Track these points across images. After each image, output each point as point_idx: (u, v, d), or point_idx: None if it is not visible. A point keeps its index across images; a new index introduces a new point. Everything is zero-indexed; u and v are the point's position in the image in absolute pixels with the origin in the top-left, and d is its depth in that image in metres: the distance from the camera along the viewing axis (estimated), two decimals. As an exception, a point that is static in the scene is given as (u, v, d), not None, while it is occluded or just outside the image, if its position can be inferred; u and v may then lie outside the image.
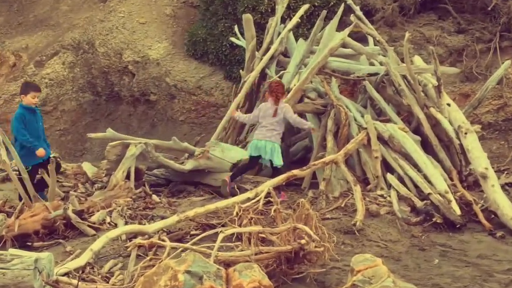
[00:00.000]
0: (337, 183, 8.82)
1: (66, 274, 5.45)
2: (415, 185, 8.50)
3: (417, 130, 9.63)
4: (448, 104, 9.56)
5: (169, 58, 15.55)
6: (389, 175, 8.61)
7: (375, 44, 11.38)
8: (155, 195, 8.90)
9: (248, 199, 7.30)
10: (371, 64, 10.96)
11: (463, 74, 12.78)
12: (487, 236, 7.28)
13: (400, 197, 8.10)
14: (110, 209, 7.96)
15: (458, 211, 7.72)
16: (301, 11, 11.82)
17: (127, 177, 8.97)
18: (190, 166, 9.37)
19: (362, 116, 9.58)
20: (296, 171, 8.18)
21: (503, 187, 8.60)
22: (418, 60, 10.76)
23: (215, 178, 9.40)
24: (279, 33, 11.58)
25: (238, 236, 6.21)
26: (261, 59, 11.25)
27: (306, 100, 10.38)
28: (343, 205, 8.08)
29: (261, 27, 12.92)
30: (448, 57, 13.29)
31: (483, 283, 5.75)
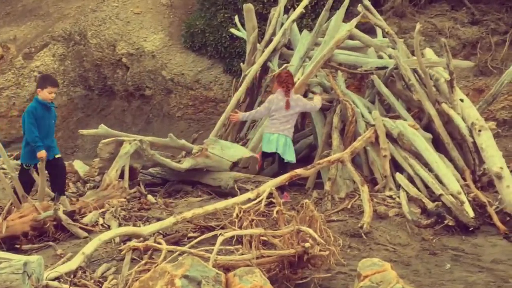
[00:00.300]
0: (343, 183, 8.83)
1: (57, 278, 5.45)
2: (426, 185, 8.50)
3: (428, 127, 9.64)
4: (461, 100, 9.57)
5: (165, 50, 15.57)
6: (398, 175, 8.61)
7: (383, 36, 11.37)
8: (150, 195, 8.92)
9: (249, 200, 7.30)
10: (380, 57, 10.97)
11: (477, 68, 12.80)
12: (502, 240, 7.29)
13: (410, 198, 8.10)
14: (103, 210, 7.97)
15: (471, 213, 7.73)
16: (305, 1, 11.79)
17: (121, 176, 8.98)
18: (187, 164, 9.38)
19: (370, 112, 9.59)
20: (300, 170, 8.19)
21: (519, 187, 8.59)
22: (429, 53, 10.77)
23: (214, 177, 9.42)
24: (282, 24, 11.58)
25: (238, 239, 6.22)
26: (263, 51, 11.26)
27: (311, 95, 10.38)
28: (349, 206, 8.09)
29: (263, 18, 12.94)
30: (462, 49, 13.31)
31: (497, 290, 5.76)
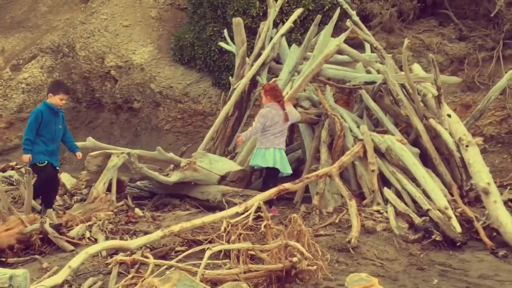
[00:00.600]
0: (331, 198, 8.84)
1: (43, 292, 5.42)
2: (414, 200, 8.52)
3: (416, 142, 9.68)
4: (449, 115, 9.62)
5: (154, 63, 15.56)
6: (386, 190, 8.63)
7: (372, 51, 11.45)
8: (138, 209, 8.89)
9: (237, 214, 7.29)
10: (368, 72, 11.02)
11: (465, 84, 12.86)
12: (489, 255, 7.31)
13: (398, 213, 8.11)
14: (90, 223, 7.93)
15: (459, 228, 7.75)
16: (294, 15, 11.88)
17: (108, 189, 8.95)
18: (175, 178, 9.37)
19: (358, 126, 9.62)
20: (288, 185, 8.18)
21: (505, 203, 8.63)
22: (417, 68, 10.83)
23: (202, 191, 9.41)
24: (271, 38, 11.63)
25: (226, 253, 6.20)
26: (252, 65, 11.29)
27: (299, 109, 10.41)
28: (337, 221, 8.09)
29: (252, 32, 12.97)
30: (449, 65, 13.38)
31: (484, 305, 5.78)
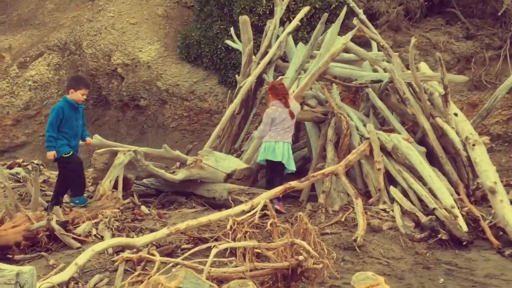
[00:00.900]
0: (337, 196, 8.83)
1: (49, 289, 5.43)
2: (420, 199, 8.52)
3: (422, 141, 9.66)
4: (455, 114, 9.60)
5: (160, 61, 15.58)
6: (392, 188, 8.61)
7: (378, 50, 11.42)
8: (144, 206, 8.89)
9: (243, 212, 7.30)
10: (375, 70, 11.00)
11: (472, 83, 12.85)
12: (495, 254, 7.29)
13: (404, 211, 8.10)
14: (96, 220, 7.94)
15: (465, 228, 7.74)
16: (301, 14, 11.85)
17: (115, 186, 8.96)
18: (181, 175, 9.36)
19: (365, 125, 9.60)
20: (294, 183, 8.19)
21: (512, 202, 8.63)
22: (424, 67, 10.81)
23: (208, 188, 9.40)
24: (278, 36, 11.61)
25: (232, 251, 6.21)
26: (258, 63, 11.28)
27: (306, 107, 10.40)
28: (343, 219, 8.08)
29: (258, 30, 12.98)
30: (456, 64, 13.37)
31: (490, 304, 5.77)
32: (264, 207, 7.15)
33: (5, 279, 4.78)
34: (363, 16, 10.84)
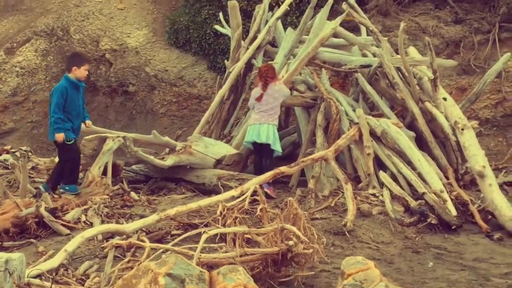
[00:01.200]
0: (326, 181, 8.85)
1: (39, 276, 5.41)
2: (409, 183, 8.55)
3: (411, 126, 9.68)
4: (444, 99, 9.62)
5: (149, 47, 15.51)
6: (381, 173, 8.64)
7: (368, 34, 11.41)
8: (133, 193, 8.88)
9: (233, 198, 7.30)
10: (364, 55, 10.99)
11: (460, 67, 12.86)
12: (484, 238, 7.34)
13: (393, 196, 8.14)
14: (85, 207, 7.92)
15: (454, 212, 7.78)
16: (290, -2, 11.81)
17: (104, 173, 8.94)
18: (171, 161, 9.35)
19: (354, 110, 9.60)
20: (284, 168, 8.20)
21: (501, 186, 8.68)
22: (413, 51, 10.81)
23: (198, 174, 9.40)
24: (267, 21, 11.58)
25: (222, 237, 6.21)
26: (247, 48, 11.26)
27: (295, 93, 10.39)
28: (333, 204, 8.10)
29: (247, 15, 12.92)
30: (445, 48, 13.37)
31: (479, 288, 5.80)
32: (254, 193, 7.16)
33: (-6, 266, 4.77)
34: (352, 1, 10.83)
